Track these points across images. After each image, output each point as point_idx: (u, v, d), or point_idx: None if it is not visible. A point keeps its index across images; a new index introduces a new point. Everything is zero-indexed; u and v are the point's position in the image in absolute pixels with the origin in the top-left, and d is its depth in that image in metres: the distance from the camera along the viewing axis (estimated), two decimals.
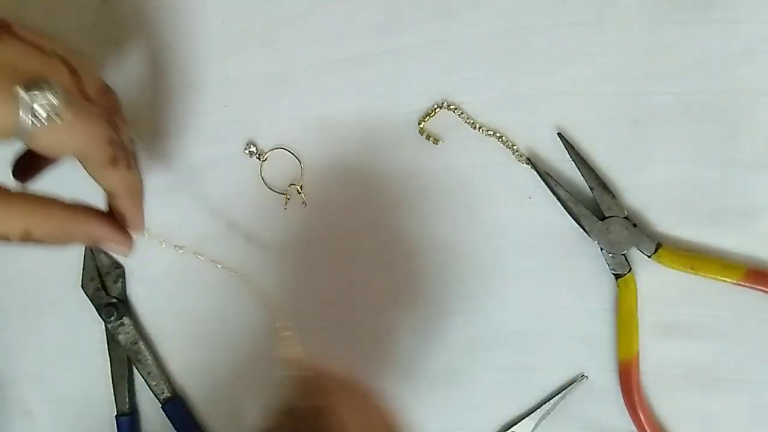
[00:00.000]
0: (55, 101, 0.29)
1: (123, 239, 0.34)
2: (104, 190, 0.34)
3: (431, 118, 0.42)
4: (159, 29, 0.43)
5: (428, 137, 0.42)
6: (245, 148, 0.43)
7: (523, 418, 0.41)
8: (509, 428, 0.41)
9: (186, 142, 0.43)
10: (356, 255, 0.43)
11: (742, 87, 0.39)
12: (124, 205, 0.34)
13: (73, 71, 0.32)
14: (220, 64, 0.43)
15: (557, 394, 0.41)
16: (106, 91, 0.35)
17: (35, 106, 0.28)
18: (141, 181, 0.35)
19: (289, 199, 0.43)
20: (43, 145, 0.29)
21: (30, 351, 0.45)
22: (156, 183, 0.44)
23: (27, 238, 0.30)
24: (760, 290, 0.38)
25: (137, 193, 0.35)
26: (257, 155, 0.43)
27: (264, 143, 0.43)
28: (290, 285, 0.43)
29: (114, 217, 0.34)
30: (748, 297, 0.39)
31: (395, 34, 0.42)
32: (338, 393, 0.35)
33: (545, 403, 0.41)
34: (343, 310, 0.43)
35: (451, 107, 0.42)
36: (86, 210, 0.33)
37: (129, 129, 0.36)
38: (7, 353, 0.45)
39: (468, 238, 0.42)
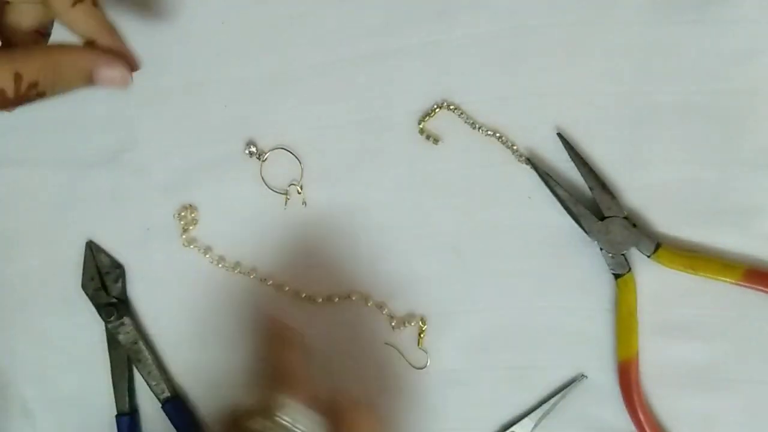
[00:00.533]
0: None
1: (117, 64, 0.35)
2: (80, 32, 0.35)
3: (431, 118, 0.42)
4: (159, 29, 0.43)
5: (428, 137, 0.42)
6: (245, 148, 0.43)
7: (523, 418, 0.41)
8: (509, 428, 0.41)
9: (186, 142, 0.44)
10: (356, 255, 0.43)
11: (742, 87, 0.39)
12: (108, 42, 0.35)
13: None
14: (220, 64, 0.43)
15: (557, 394, 0.41)
16: None
17: None
18: (118, 33, 0.36)
19: (289, 198, 0.43)
20: None
21: (30, 351, 0.45)
22: (156, 182, 0.44)
23: (20, 85, 0.32)
24: (760, 290, 0.38)
25: (113, 28, 0.36)
26: (257, 155, 0.43)
27: (264, 143, 0.43)
28: (290, 284, 0.43)
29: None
30: (748, 297, 0.39)
31: (395, 34, 0.42)
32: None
33: (545, 402, 0.41)
34: (343, 310, 0.43)
35: (451, 107, 0.42)
36: (73, 44, 0.35)
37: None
38: (7, 353, 0.46)
39: (467, 237, 0.42)
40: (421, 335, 0.42)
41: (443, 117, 0.42)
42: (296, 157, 0.43)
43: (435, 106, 0.42)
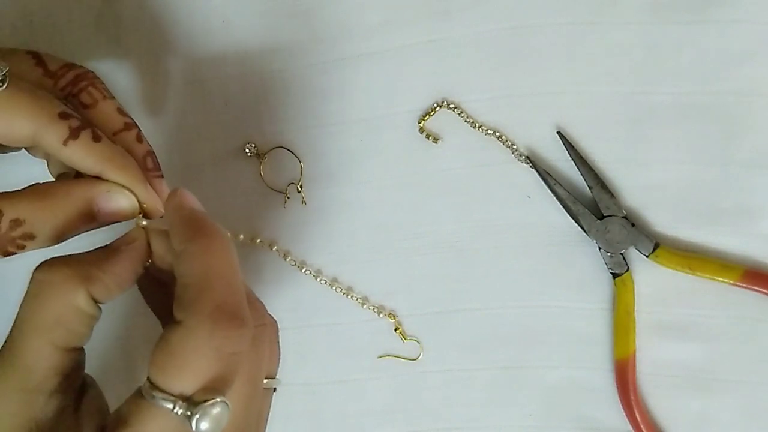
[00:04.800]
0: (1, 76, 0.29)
1: (118, 191, 0.31)
2: (82, 170, 0.31)
3: (431, 117, 0.42)
4: (160, 28, 0.43)
5: (428, 136, 0.42)
6: (245, 147, 0.43)
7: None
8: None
9: (186, 140, 0.44)
10: (355, 254, 0.43)
11: (742, 87, 0.39)
12: (113, 175, 0.31)
13: (35, 55, 0.32)
14: (220, 62, 0.43)
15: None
16: (72, 66, 0.34)
17: None
18: (130, 158, 0.32)
19: (288, 198, 0.43)
20: None
21: None
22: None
23: (2, 221, 0.28)
24: (758, 291, 0.39)
25: (122, 163, 0.31)
26: (257, 154, 0.43)
27: (264, 142, 0.43)
28: (289, 284, 0.44)
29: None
30: (746, 298, 0.39)
31: (395, 33, 0.42)
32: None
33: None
34: (343, 309, 0.43)
35: (451, 106, 0.42)
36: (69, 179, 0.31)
37: (118, 101, 0.35)
38: None
39: (467, 236, 0.42)
40: (398, 330, 0.42)
41: (443, 116, 0.42)
42: (296, 156, 0.43)
43: (435, 105, 0.42)
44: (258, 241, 0.43)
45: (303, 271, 0.43)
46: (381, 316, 0.43)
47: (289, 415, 0.43)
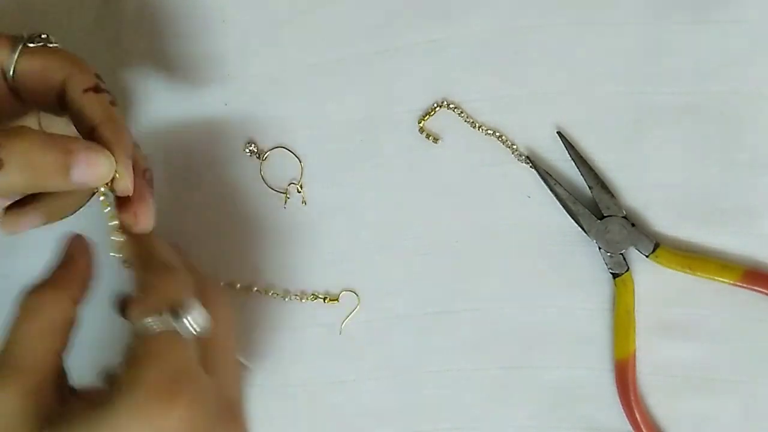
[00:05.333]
0: (50, 42, 0.34)
1: (100, 153, 0.31)
2: (86, 118, 0.33)
3: (431, 117, 0.42)
4: (159, 28, 0.43)
5: (428, 136, 0.42)
6: (245, 147, 0.43)
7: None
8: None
9: (186, 141, 0.44)
10: (355, 254, 0.43)
11: (742, 87, 0.39)
12: (108, 131, 0.32)
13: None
14: (220, 62, 0.43)
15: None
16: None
17: (33, 40, 0.34)
18: (128, 129, 0.34)
19: (288, 198, 0.43)
20: (32, 67, 0.33)
21: None
22: (156, 181, 0.44)
23: None
24: (758, 291, 0.38)
25: (121, 126, 0.33)
26: (257, 154, 0.43)
27: (264, 142, 0.43)
28: (289, 283, 0.44)
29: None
30: (746, 298, 0.39)
31: (395, 33, 0.42)
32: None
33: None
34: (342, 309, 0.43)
35: (451, 106, 0.42)
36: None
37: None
38: None
39: (467, 236, 0.42)
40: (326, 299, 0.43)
41: (443, 116, 0.42)
42: (296, 156, 0.43)
43: (435, 105, 0.42)
44: (254, 289, 0.44)
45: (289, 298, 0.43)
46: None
47: (288, 416, 0.43)
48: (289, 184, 0.43)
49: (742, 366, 0.39)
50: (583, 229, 0.40)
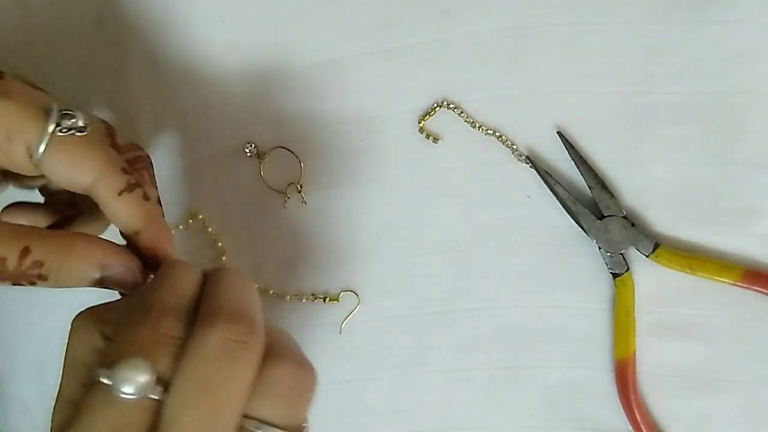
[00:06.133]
0: (80, 122, 0.31)
1: (130, 264, 0.32)
2: (123, 225, 0.33)
3: (431, 117, 0.42)
4: (160, 28, 0.43)
5: (428, 136, 0.42)
6: (245, 147, 0.43)
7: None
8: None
9: (186, 140, 0.44)
10: (355, 254, 0.43)
11: (742, 87, 0.39)
12: (149, 239, 0.33)
13: (108, 127, 0.35)
14: (220, 62, 0.43)
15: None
16: (137, 147, 0.36)
17: (62, 121, 0.31)
18: (168, 227, 0.34)
19: (288, 198, 0.43)
20: (60, 163, 0.31)
21: (29, 348, 0.46)
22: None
23: (25, 260, 0.30)
24: (758, 291, 0.39)
25: (161, 227, 0.34)
26: (257, 154, 0.43)
27: (264, 142, 0.43)
28: (289, 284, 0.44)
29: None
30: (746, 298, 0.39)
31: (395, 33, 0.42)
32: None
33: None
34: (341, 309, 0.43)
35: (451, 106, 0.42)
36: (90, 235, 0.33)
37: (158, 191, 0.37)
38: (6, 351, 0.46)
39: (467, 236, 0.42)
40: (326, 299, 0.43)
41: (443, 116, 0.42)
42: (296, 156, 0.43)
43: (435, 105, 0.42)
44: (271, 291, 0.44)
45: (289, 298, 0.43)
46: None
47: None
48: (289, 184, 0.43)
49: (742, 366, 0.40)
50: (583, 229, 0.40)
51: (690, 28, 0.40)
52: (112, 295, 0.34)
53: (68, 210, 0.38)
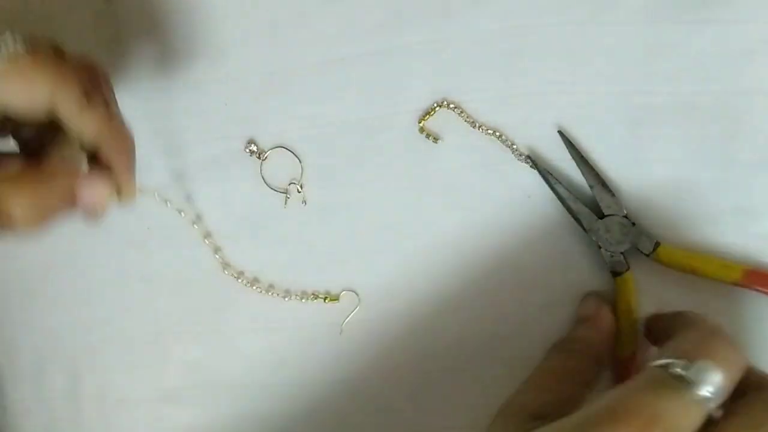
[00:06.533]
0: (18, 43, 0.30)
1: (105, 188, 0.33)
2: (85, 140, 0.32)
3: (431, 117, 0.42)
4: (160, 27, 0.43)
5: (428, 136, 0.42)
6: (245, 147, 0.43)
7: None
8: None
9: (186, 140, 0.44)
10: (355, 254, 0.43)
11: (742, 87, 0.39)
12: (110, 153, 0.33)
13: (54, 43, 0.33)
14: (220, 62, 0.43)
15: None
16: (86, 58, 0.35)
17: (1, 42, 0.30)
18: (129, 133, 0.34)
19: (288, 197, 0.43)
20: (11, 87, 0.30)
21: (29, 349, 0.45)
22: (156, 181, 0.44)
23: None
24: (758, 291, 0.38)
25: (124, 141, 0.33)
26: (257, 154, 0.43)
27: (264, 142, 0.43)
28: (289, 283, 0.44)
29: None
30: (746, 297, 0.39)
31: (395, 32, 0.42)
32: None
33: None
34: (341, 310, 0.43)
35: (451, 106, 0.42)
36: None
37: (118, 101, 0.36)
38: (5, 351, 0.46)
39: (467, 236, 0.42)
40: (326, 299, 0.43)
41: (443, 116, 0.42)
42: (296, 156, 0.43)
43: (435, 105, 0.42)
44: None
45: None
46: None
47: (287, 415, 0.43)
48: (289, 184, 0.43)
49: None
50: (583, 228, 0.40)
51: (690, 28, 0.40)
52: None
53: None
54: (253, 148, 0.43)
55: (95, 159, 0.34)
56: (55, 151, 0.35)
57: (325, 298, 0.43)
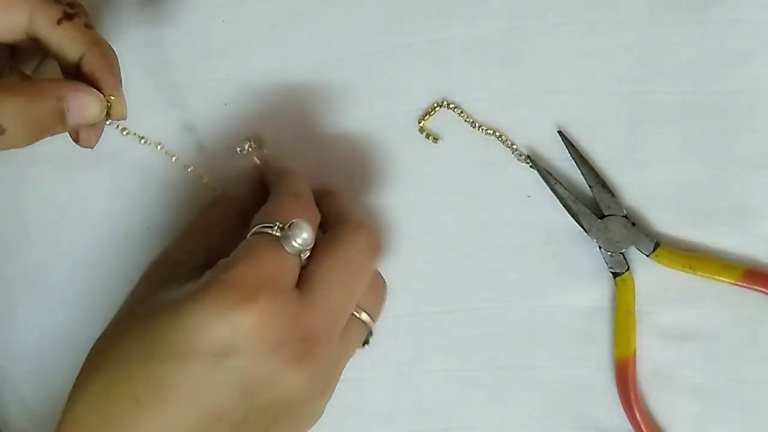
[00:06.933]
0: None
1: (90, 97, 0.32)
2: (66, 56, 0.32)
3: (431, 117, 0.42)
4: (160, 27, 0.43)
5: (428, 136, 0.42)
6: (243, 145, 0.43)
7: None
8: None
9: (186, 141, 0.44)
10: None
11: (742, 87, 0.39)
12: (92, 65, 0.32)
13: None
14: (220, 62, 0.43)
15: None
16: None
17: None
18: (111, 48, 0.34)
19: None
20: None
21: (28, 347, 0.45)
22: (157, 181, 0.44)
23: None
24: (758, 291, 0.38)
25: (107, 55, 0.33)
26: (254, 152, 0.43)
27: (264, 142, 0.43)
28: None
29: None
30: (746, 297, 0.39)
31: (395, 32, 0.42)
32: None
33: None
34: None
35: (451, 106, 0.42)
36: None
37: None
38: (5, 349, 0.46)
39: (467, 236, 0.42)
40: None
41: (443, 116, 0.42)
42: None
43: (435, 105, 0.42)
44: None
45: None
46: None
47: None
48: None
49: (742, 365, 0.39)
50: (583, 228, 0.40)
51: (690, 28, 0.40)
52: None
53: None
54: (252, 147, 0.43)
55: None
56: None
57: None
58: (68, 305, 0.45)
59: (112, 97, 0.34)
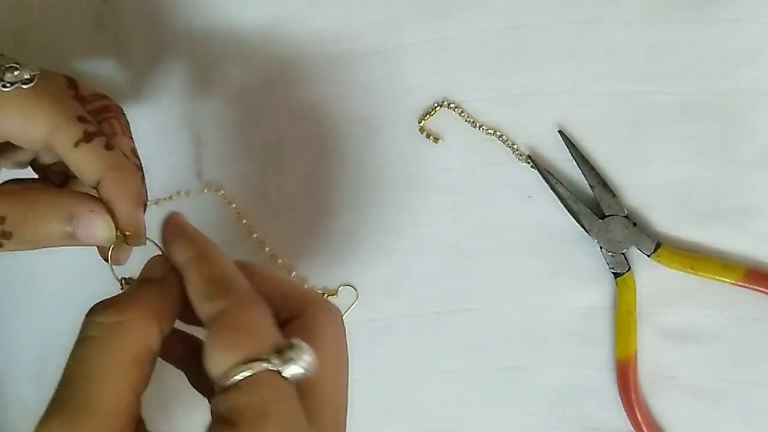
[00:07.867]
0: (25, 75, 0.30)
1: (102, 213, 0.30)
2: (84, 177, 0.31)
3: (431, 117, 0.42)
4: (159, 28, 0.43)
5: (428, 136, 0.42)
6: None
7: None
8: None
9: (186, 141, 0.44)
10: (355, 254, 0.43)
11: (742, 87, 0.39)
12: (110, 192, 0.30)
13: (70, 79, 0.33)
14: (220, 62, 0.43)
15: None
16: (103, 96, 0.35)
17: (5, 75, 0.29)
18: (136, 174, 0.32)
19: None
20: (10, 118, 0.30)
21: (29, 348, 0.45)
22: (157, 182, 0.44)
23: None
24: (759, 291, 0.38)
25: (127, 181, 0.31)
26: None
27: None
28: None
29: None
30: (747, 298, 0.39)
31: (396, 32, 0.42)
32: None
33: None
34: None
35: (452, 106, 0.42)
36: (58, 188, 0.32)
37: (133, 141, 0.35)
38: (5, 350, 0.46)
39: (467, 236, 0.42)
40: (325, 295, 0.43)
41: (444, 116, 0.42)
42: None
43: (435, 105, 0.42)
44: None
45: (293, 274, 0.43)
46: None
47: None
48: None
49: (743, 365, 0.39)
50: (584, 228, 0.40)
51: (690, 27, 0.40)
52: (107, 293, 0.34)
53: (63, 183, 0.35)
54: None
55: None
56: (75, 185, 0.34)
57: (323, 294, 0.43)
58: (69, 306, 0.45)
59: (128, 233, 0.31)
